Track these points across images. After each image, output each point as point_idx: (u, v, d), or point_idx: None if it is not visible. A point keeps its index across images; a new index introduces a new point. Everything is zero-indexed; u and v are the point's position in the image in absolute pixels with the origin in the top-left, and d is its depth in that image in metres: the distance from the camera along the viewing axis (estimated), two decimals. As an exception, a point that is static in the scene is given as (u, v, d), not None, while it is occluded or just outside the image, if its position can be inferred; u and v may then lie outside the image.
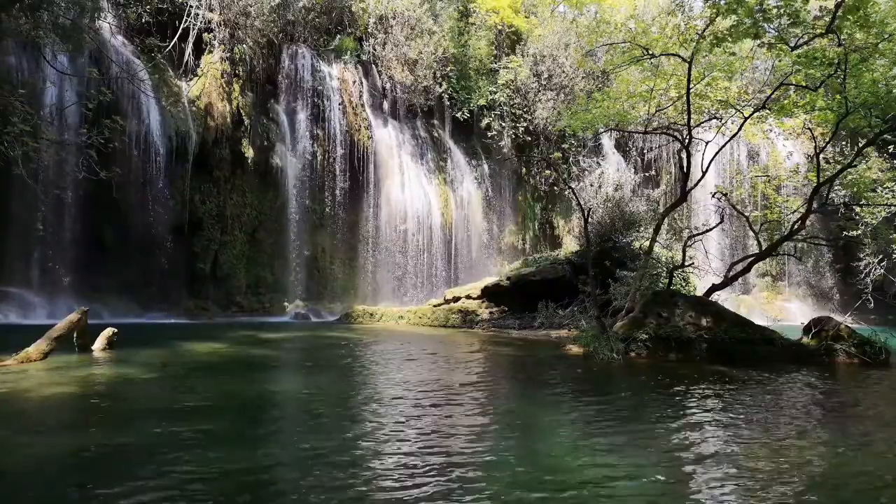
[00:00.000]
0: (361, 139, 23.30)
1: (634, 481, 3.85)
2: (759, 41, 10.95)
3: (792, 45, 10.78)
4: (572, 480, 3.85)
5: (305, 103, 22.52)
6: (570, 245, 24.56)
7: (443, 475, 3.83)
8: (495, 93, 26.54)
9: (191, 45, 20.04)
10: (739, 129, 13.42)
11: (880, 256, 20.49)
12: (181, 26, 19.63)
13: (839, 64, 10.12)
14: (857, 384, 8.27)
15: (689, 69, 11.57)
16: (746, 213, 15.36)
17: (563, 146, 27.47)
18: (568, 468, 4.10)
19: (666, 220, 15.23)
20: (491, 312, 17.58)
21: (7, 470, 3.89)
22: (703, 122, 13.57)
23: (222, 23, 20.45)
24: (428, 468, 3.97)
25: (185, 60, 20.04)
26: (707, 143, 13.29)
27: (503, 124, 26.65)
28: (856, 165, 13.77)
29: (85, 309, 9.13)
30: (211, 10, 20.31)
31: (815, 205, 12.47)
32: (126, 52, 18.50)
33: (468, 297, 18.68)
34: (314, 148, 22.36)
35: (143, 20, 19.04)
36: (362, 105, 23.91)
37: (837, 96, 11.14)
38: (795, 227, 12.68)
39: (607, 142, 29.08)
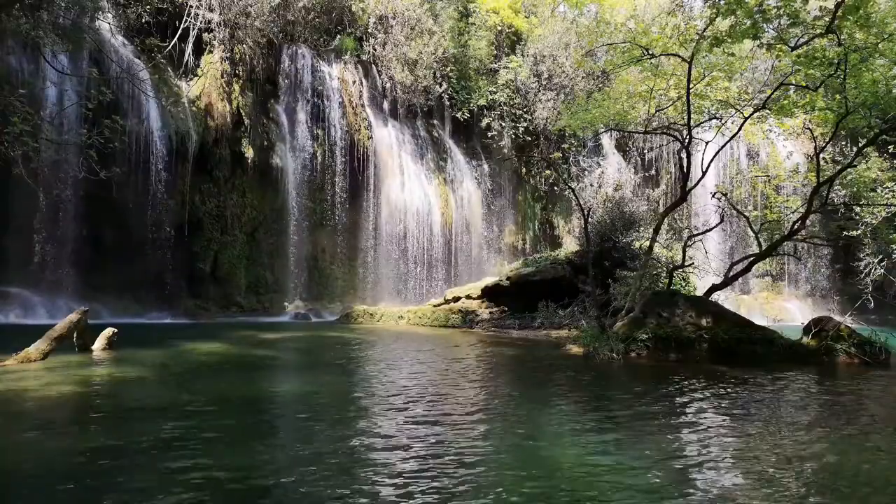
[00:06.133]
0: (361, 139, 23.30)
1: (635, 482, 3.85)
2: (758, 41, 10.94)
3: (792, 45, 10.78)
4: (572, 481, 3.85)
5: (305, 103, 22.52)
6: (570, 245, 24.55)
7: (442, 475, 3.83)
8: (495, 93, 26.54)
9: (191, 45, 20.04)
10: (739, 129, 13.42)
11: (880, 256, 20.48)
12: (181, 26, 19.63)
13: (839, 64, 10.11)
14: (857, 384, 8.26)
15: (689, 69, 11.56)
16: (746, 213, 15.37)
17: (563, 146, 27.48)
18: (568, 468, 4.10)
19: (666, 220, 15.22)
20: (491, 312, 17.57)
21: (7, 470, 3.89)
22: (703, 122, 13.56)
23: (222, 23, 20.45)
24: (427, 469, 3.97)
25: (185, 60, 20.04)
26: (707, 143, 13.29)
27: (503, 124, 26.66)
28: (856, 165, 13.77)
29: (85, 309, 9.13)
30: (211, 10, 20.31)
31: (815, 205, 12.47)
32: (126, 52, 18.50)
33: (468, 297, 18.67)
34: (314, 148, 22.37)
35: (143, 20, 19.03)
36: (362, 105, 23.91)
37: (837, 96, 11.13)
38: (795, 227, 12.68)
39: (607, 142, 29.09)
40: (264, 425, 5.36)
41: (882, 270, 20.70)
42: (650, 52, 12.10)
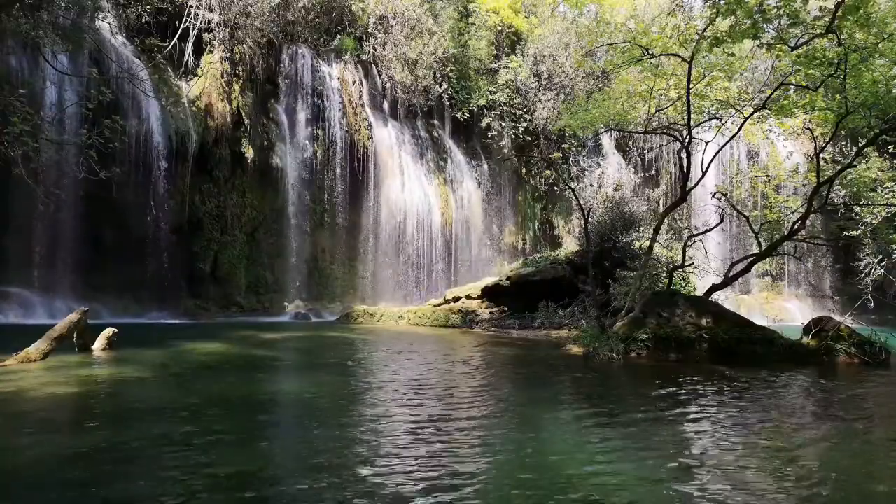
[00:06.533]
0: (361, 139, 23.30)
1: (634, 482, 3.85)
2: (758, 41, 10.94)
3: (792, 45, 10.78)
4: (572, 481, 3.85)
5: (305, 103, 22.53)
6: (570, 245, 24.56)
7: (442, 476, 3.83)
8: (495, 93, 26.54)
9: (191, 45, 20.04)
10: (739, 129, 13.41)
11: (880, 256, 20.47)
12: (181, 26, 19.63)
13: (839, 64, 10.10)
14: (857, 384, 8.27)
15: (689, 69, 11.56)
16: (746, 213, 15.36)
17: (563, 146, 27.48)
18: (568, 469, 4.09)
19: (666, 220, 15.22)
20: (491, 312, 17.57)
21: (7, 470, 3.89)
22: (703, 122, 13.56)
23: (222, 23, 20.46)
24: (427, 469, 3.97)
25: (185, 60, 20.05)
26: (707, 143, 13.29)
27: (503, 124, 26.66)
28: (856, 165, 13.76)
29: (85, 309, 9.13)
30: (211, 10, 20.31)
31: (815, 205, 12.46)
32: (126, 52, 18.50)
33: (468, 297, 18.67)
34: (314, 148, 22.37)
35: (143, 20, 19.04)
36: (362, 105, 23.92)
37: (837, 96, 11.13)
38: (795, 227, 12.68)
39: (607, 142, 29.09)
40: (264, 426, 5.36)
41: (882, 270, 20.69)
42: (650, 52, 12.09)
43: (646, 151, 29.16)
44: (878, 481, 4.06)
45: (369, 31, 24.67)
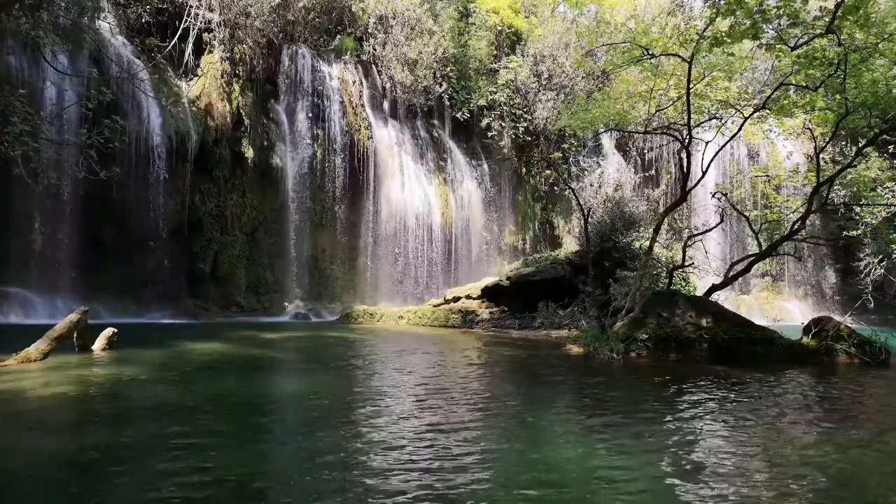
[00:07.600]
0: (361, 139, 23.30)
1: (635, 482, 3.85)
2: (758, 42, 10.94)
3: (791, 45, 10.77)
4: (573, 481, 3.85)
5: (305, 103, 22.53)
6: (570, 245, 24.55)
7: (442, 476, 3.83)
8: (495, 93, 26.54)
9: (191, 45, 20.04)
10: (739, 129, 13.41)
11: (880, 256, 20.47)
12: (181, 26, 19.63)
13: (839, 64, 10.10)
14: (857, 384, 8.26)
15: (689, 69, 11.56)
16: (746, 213, 15.36)
17: (563, 146, 27.48)
18: (568, 469, 4.09)
19: (666, 220, 15.21)
20: (491, 312, 17.57)
21: (7, 470, 3.89)
22: (703, 122, 13.56)
23: (222, 23, 20.45)
24: (427, 469, 3.97)
25: (185, 60, 20.04)
26: (707, 143, 13.29)
27: (503, 124, 26.66)
28: (856, 165, 13.76)
29: (85, 309, 9.13)
30: (211, 10, 20.31)
31: (815, 205, 12.46)
32: (126, 52, 18.50)
33: (468, 297, 18.66)
34: (314, 148, 22.37)
35: (143, 20, 19.04)
36: (362, 105, 23.91)
37: (837, 96, 11.13)
38: (795, 227, 12.68)
39: (607, 142, 29.08)
40: (264, 426, 5.36)
41: (882, 270, 20.70)
42: (650, 52, 12.09)
43: (646, 151, 29.15)
44: (882, 482, 4.05)
45: (369, 31, 24.67)
